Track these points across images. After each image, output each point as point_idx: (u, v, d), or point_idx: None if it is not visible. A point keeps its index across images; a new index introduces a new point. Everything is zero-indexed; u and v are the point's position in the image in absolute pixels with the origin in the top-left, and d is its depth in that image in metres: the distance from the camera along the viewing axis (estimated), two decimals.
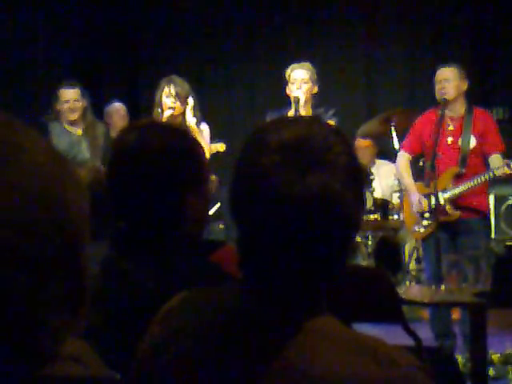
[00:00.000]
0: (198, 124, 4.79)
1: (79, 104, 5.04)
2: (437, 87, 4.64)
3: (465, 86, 4.66)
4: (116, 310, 1.53)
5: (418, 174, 5.03)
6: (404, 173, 4.84)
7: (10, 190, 0.71)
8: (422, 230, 4.63)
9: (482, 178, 4.45)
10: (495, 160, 4.53)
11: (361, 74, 7.53)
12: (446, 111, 4.60)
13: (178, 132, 1.72)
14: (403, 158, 4.86)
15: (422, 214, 4.61)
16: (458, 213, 4.53)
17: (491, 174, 4.42)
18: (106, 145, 5.05)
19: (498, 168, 4.39)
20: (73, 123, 5.04)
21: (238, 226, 1.07)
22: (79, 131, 5.05)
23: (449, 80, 4.61)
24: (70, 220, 0.76)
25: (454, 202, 4.55)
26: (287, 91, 4.84)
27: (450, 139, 4.62)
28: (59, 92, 5.03)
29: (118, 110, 6.09)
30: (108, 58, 7.59)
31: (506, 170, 4.35)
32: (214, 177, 4.82)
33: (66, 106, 5.00)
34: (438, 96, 4.64)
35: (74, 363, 0.79)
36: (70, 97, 5.02)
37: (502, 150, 4.57)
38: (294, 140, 1.03)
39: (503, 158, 4.51)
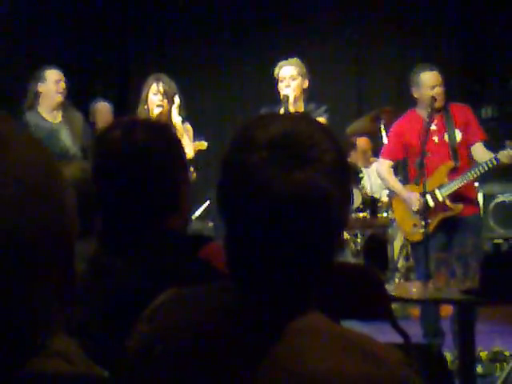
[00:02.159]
0: (183, 123, 4.79)
1: (65, 87, 4.91)
2: (429, 92, 4.56)
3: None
4: (104, 307, 1.53)
5: (405, 174, 5.04)
6: (390, 179, 4.81)
7: (6, 180, 0.72)
8: (422, 230, 4.56)
9: (485, 166, 4.42)
10: (478, 149, 4.55)
11: (351, 72, 7.54)
12: (425, 112, 4.61)
13: (159, 125, 1.74)
14: (386, 165, 4.83)
15: (420, 214, 4.54)
16: (460, 205, 4.52)
17: (494, 161, 4.36)
18: (85, 133, 4.96)
19: (501, 154, 4.31)
20: (51, 109, 4.89)
21: (225, 223, 1.07)
22: (59, 118, 4.92)
23: (441, 85, 4.61)
24: (62, 211, 0.76)
25: (453, 196, 4.54)
26: (278, 89, 4.83)
27: (435, 138, 4.63)
28: (46, 73, 4.88)
29: (102, 108, 6.06)
30: (98, 56, 7.57)
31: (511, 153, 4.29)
32: (194, 174, 4.82)
33: (54, 86, 4.85)
34: (431, 101, 4.53)
35: (62, 360, 0.79)
36: (60, 77, 4.90)
37: (483, 139, 4.59)
38: (281, 136, 1.03)
39: (485, 147, 4.53)
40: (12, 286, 0.72)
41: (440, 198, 4.52)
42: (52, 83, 4.86)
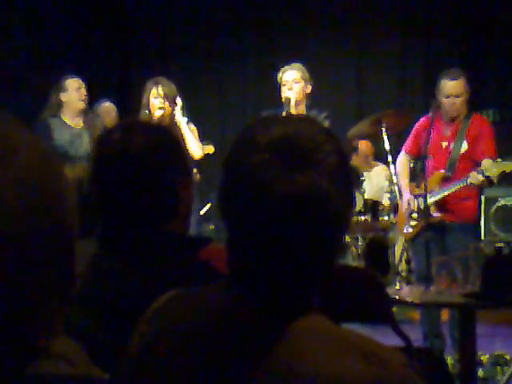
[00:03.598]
0: (187, 123, 4.80)
1: (86, 94, 5.10)
2: (445, 101, 4.56)
3: (468, 94, 4.65)
4: (104, 308, 1.53)
5: (412, 174, 5.06)
6: (400, 173, 4.88)
7: (5, 183, 0.72)
8: (410, 230, 4.65)
9: (459, 184, 4.43)
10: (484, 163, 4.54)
11: (351, 75, 7.54)
12: (445, 118, 4.61)
13: (159, 128, 1.73)
14: (402, 157, 4.92)
15: (410, 214, 4.63)
16: (438, 216, 4.54)
17: (467, 182, 4.38)
18: None
19: (472, 175, 4.33)
20: (74, 116, 5.06)
21: (227, 224, 1.07)
22: (80, 124, 5.08)
23: (459, 95, 4.58)
24: (64, 212, 0.77)
25: (441, 204, 4.56)
26: (281, 93, 4.84)
27: (444, 144, 4.63)
28: (67, 82, 5.06)
29: (107, 108, 6.05)
30: (98, 58, 7.57)
31: (480, 178, 4.30)
32: (198, 176, 4.83)
33: (76, 94, 5.04)
34: (446, 110, 4.56)
35: (63, 362, 0.79)
36: (80, 85, 5.08)
37: (493, 156, 4.51)
38: (283, 138, 1.03)
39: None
40: (13, 288, 0.72)
41: (428, 203, 4.53)
42: (73, 91, 5.05)
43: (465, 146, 4.59)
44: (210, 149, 5.41)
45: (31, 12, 6.68)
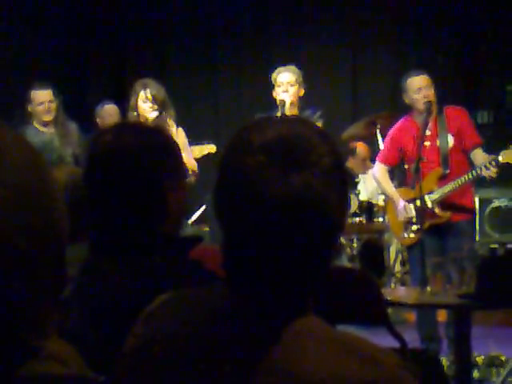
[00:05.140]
0: (176, 127, 4.79)
1: (53, 105, 5.07)
2: (418, 95, 4.57)
3: (434, 89, 4.69)
4: (97, 312, 1.53)
5: (402, 178, 5.06)
6: (385, 183, 4.86)
7: None
8: (411, 235, 4.58)
9: (470, 175, 4.44)
10: (477, 155, 4.54)
11: (346, 77, 7.55)
12: (420, 117, 4.61)
13: (152, 130, 1.73)
14: (381, 169, 4.89)
15: (409, 221, 4.59)
16: (448, 213, 4.53)
17: (478, 171, 4.39)
18: (78, 142, 5.10)
19: (484, 165, 4.36)
20: (46, 124, 5.07)
21: (222, 226, 1.07)
22: (51, 130, 5.09)
23: (429, 87, 4.61)
24: (55, 213, 0.76)
25: (442, 203, 4.55)
26: (274, 95, 4.84)
27: (427, 143, 4.63)
28: (32, 94, 5.04)
29: (110, 110, 6.02)
30: (94, 60, 7.57)
31: (494, 170, 4.32)
32: (193, 178, 4.82)
33: (40, 107, 5.03)
34: (419, 103, 4.57)
35: (57, 363, 0.79)
36: (45, 99, 5.05)
37: (480, 143, 4.60)
38: (278, 140, 1.02)
39: (484, 152, 4.53)
40: (5, 289, 0.72)
41: (429, 205, 4.52)
42: (37, 105, 5.05)
43: (451, 140, 4.60)
44: (212, 148, 5.38)
45: (28, 13, 6.68)
